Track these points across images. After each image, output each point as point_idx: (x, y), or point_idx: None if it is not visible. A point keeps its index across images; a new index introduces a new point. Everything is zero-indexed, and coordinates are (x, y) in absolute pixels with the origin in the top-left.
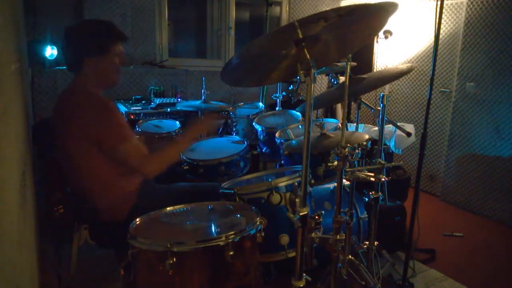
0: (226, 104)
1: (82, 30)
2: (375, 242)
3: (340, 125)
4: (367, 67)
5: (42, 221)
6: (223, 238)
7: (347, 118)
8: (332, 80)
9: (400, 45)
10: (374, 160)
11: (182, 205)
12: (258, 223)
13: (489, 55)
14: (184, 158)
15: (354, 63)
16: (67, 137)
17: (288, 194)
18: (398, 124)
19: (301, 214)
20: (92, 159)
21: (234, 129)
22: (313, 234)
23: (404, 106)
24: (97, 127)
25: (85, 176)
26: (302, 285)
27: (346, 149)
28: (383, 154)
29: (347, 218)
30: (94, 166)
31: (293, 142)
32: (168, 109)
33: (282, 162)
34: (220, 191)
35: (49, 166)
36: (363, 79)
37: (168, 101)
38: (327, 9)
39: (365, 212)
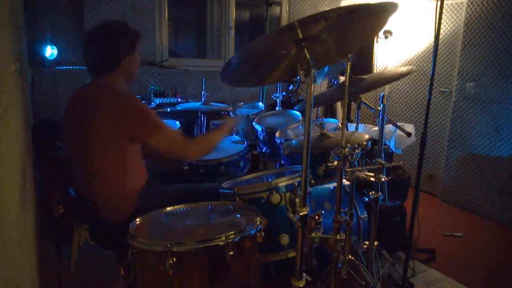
0: (226, 105)
1: (113, 31)
2: (375, 242)
3: (340, 125)
4: (367, 67)
5: (42, 221)
6: (223, 238)
7: (347, 118)
8: (332, 80)
9: (400, 45)
10: (374, 160)
11: (182, 205)
12: (258, 223)
13: (489, 55)
14: None
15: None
16: (88, 134)
17: (288, 194)
18: (398, 124)
19: (301, 214)
20: (104, 158)
21: (234, 129)
22: (313, 234)
23: (404, 106)
24: (130, 123)
25: (92, 174)
26: (302, 285)
27: (346, 149)
28: (383, 154)
29: (347, 218)
30: (106, 164)
31: (293, 142)
32: (168, 109)
33: (282, 162)
34: (220, 191)
35: (49, 166)
36: (363, 79)
37: (168, 101)
38: (327, 9)
39: (365, 212)
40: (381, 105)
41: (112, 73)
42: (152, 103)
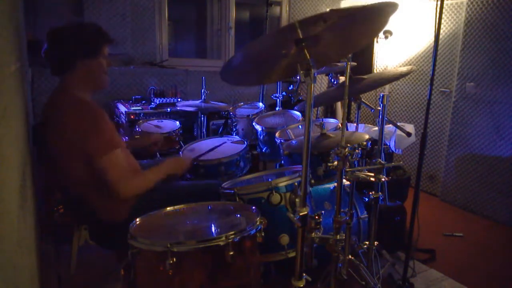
0: (226, 104)
1: (73, 32)
2: (375, 242)
3: (340, 125)
4: (367, 67)
5: (42, 221)
6: (223, 238)
7: (347, 118)
8: (332, 80)
9: (400, 45)
10: (374, 160)
11: (182, 205)
12: (258, 223)
13: (489, 55)
14: None
15: (354, 63)
16: (59, 142)
17: (288, 194)
18: (398, 124)
19: (301, 214)
20: (82, 165)
21: (234, 129)
22: (313, 234)
23: (404, 106)
24: (83, 135)
25: (82, 178)
26: (302, 285)
27: (346, 149)
28: (383, 154)
29: (347, 218)
30: (86, 171)
31: (293, 142)
32: (168, 109)
33: (282, 162)
34: (220, 191)
35: (49, 166)
36: (363, 79)
37: (168, 101)
38: (327, 9)
39: (365, 212)
40: (381, 105)
41: (68, 76)
42: (152, 103)
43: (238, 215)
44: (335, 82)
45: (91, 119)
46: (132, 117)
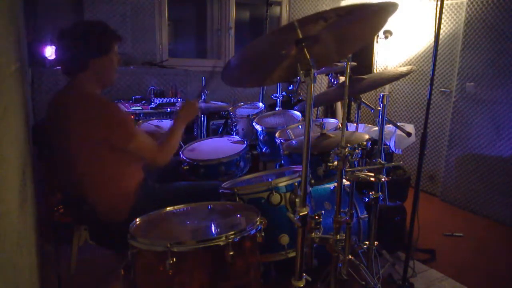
0: (226, 104)
1: (84, 31)
2: (375, 242)
3: (340, 125)
4: (367, 67)
5: (42, 221)
6: (223, 238)
7: (347, 118)
8: (332, 80)
9: (400, 45)
10: (374, 160)
11: (182, 205)
12: (258, 223)
13: (489, 55)
14: (184, 158)
15: (354, 63)
16: (67, 139)
17: (288, 194)
18: (398, 124)
19: (301, 214)
20: (92, 160)
21: (234, 129)
22: (313, 234)
23: (404, 106)
24: (104, 129)
25: (83, 178)
26: (302, 285)
27: (346, 149)
28: (383, 154)
29: (347, 218)
30: (94, 167)
31: (293, 142)
32: (168, 109)
33: (282, 162)
34: (220, 191)
35: (49, 166)
36: (363, 79)
37: (168, 101)
38: (327, 9)
39: (365, 212)
40: (381, 105)
41: (81, 74)
42: (152, 103)
43: (238, 215)
44: (335, 82)
45: (108, 112)
46: (132, 117)
